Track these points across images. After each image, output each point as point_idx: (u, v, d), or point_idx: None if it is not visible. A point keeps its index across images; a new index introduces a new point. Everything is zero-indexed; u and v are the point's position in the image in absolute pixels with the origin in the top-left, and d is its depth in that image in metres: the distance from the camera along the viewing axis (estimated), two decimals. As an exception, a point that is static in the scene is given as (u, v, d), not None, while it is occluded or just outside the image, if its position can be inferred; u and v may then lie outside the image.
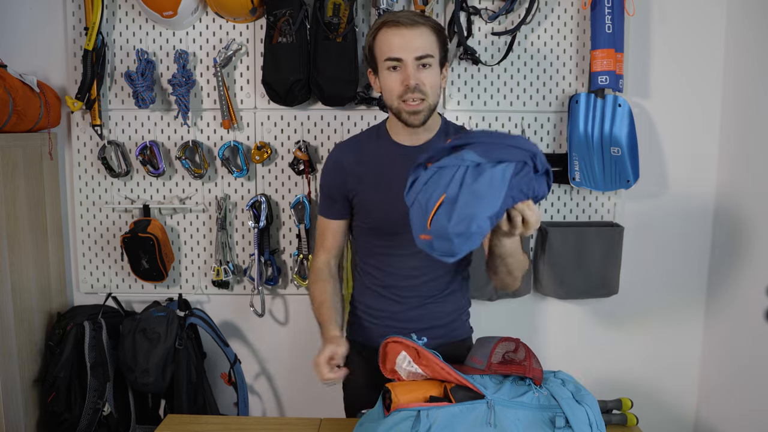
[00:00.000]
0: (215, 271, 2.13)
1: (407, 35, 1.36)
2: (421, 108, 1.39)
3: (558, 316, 2.24)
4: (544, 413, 1.20)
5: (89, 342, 1.99)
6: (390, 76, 1.39)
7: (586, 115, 1.99)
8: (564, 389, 1.25)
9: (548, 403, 1.21)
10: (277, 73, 1.94)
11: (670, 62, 2.11)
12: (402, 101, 1.38)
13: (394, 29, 1.37)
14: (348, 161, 1.51)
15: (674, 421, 2.28)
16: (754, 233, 1.97)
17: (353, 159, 1.51)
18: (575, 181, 2.05)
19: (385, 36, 1.38)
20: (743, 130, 2.04)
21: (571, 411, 1.19)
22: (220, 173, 2.15)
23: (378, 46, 1.40)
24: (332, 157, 1.56)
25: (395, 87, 1.39)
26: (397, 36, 1.36)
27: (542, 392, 1.23)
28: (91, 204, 2.18)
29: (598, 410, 1.23)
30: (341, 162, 1.52)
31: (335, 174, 1.53)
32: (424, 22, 1.38)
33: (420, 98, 1.37)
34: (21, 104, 1.86)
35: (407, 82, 1.36)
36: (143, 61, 2.03)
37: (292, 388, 2.31)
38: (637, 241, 2.19)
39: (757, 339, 1.92)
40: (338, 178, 1.52)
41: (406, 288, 1.51)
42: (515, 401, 1.20)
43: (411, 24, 1.36)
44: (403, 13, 1.39)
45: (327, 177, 1.55)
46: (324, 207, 1.57)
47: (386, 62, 1.38)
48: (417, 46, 1.36)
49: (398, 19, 1.37)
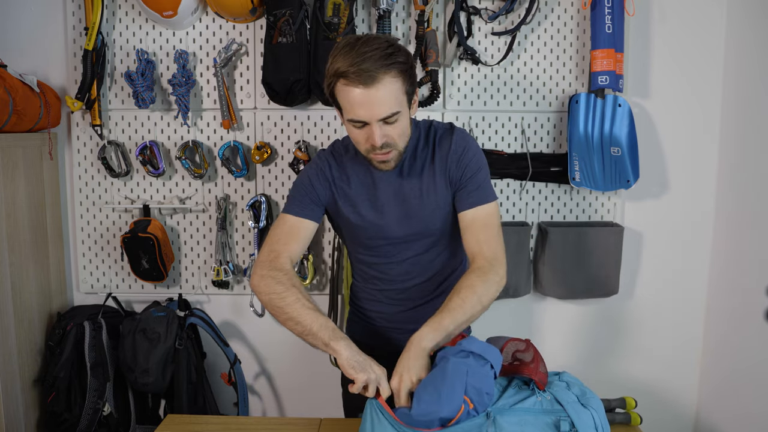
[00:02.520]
0: (215, 271, 2.13)
1: (369, 96, 1.23)
2: (390, 157, 1.34)
3: (558, 316, 2.24)
4: (548, 418, 1.17)
5: (89, 342, 1.99)
6: (355, 132, 1.31)
7: (586, 115, 1.99)
8: (569, 393, 1.22)
9: (552, 408, 1.19)
10: (277, 73, 1.94)
11: (670, 62, 2.11)
12: (371, 153, 1.33)
13: (353, 88, 1.24)
14: (335, 176, 1.46)
15: (674, 421, 2.28)
16: (754, 233, 1.97)
17: (338, 175, 1.46)
18: (575, 181, 2.05)
19: (345, 93, 1.26)
20: (743, 130, 2.04)
21: (577, 415, 1.16)
22: (220, 173, 2.15)
23: (338, 97, 1.29)
24: (319, 166, 1.47)
25: (362, 143, 1.33)
26: (357, 96, 1.24)
27: (545, 396, 1.21)
28: (91, 204, 2.18)
29: (603, 413, 1.21)
30: (328, 175, 1.46)
31: (323, 184, 1.45)
32: (387, 70, 1.23)
33: (388, 150, 1.32)
34: (21, 104, 1.86)
35: (373, 142, 1.29)
36: (143, 61, 2.03)
37: (292, 388, 2.31)
38: (636, 241, 2.19)
39: (757, 339, 1.92)
40: (327, 188, 1.45)
41: (399, 291, 1.51)
42: (516, 408, 1.18)
43: (371, 82, 1.22)
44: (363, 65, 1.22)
45: (311, 181, 1.45)
46: (297, 206, 1.44)
47: (348, 121, 1.30)
48: (381, 106, 1.25)
49: (357, 77, 1.22)
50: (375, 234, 1.46)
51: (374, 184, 1.44)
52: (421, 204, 1.42)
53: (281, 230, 1.42)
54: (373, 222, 1.45)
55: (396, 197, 1.43)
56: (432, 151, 1.43)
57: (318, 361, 2.18)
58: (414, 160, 1.44)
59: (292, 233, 1.42)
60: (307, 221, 1.43)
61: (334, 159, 1.48)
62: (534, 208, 2.16)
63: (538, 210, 2.17)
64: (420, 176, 1.43)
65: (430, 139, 1.45)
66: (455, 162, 1.41)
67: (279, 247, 1.39)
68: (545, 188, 2.16)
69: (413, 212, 1.43)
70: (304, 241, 1.43)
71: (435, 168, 1.42)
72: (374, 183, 1.44)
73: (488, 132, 2.12)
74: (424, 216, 1.43)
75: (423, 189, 1.42)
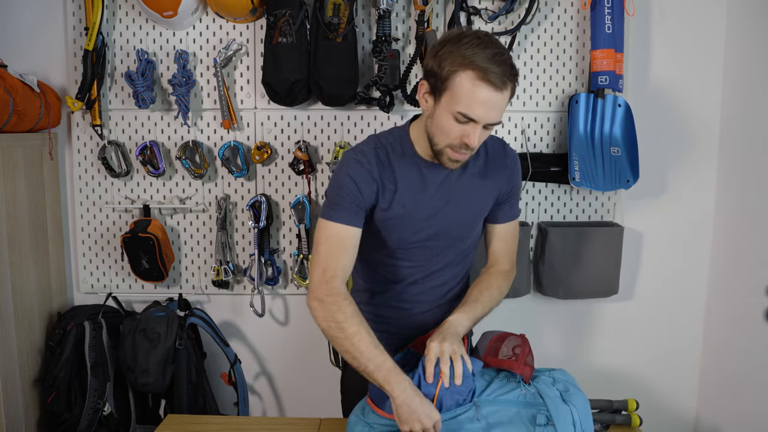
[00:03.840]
0: (215, 271, 2.13)
1: (495, 99, 1.21)
2: (466, 158, 1.32)
3: (558, 315, 2.24)
4: (528, 410, 1.22)
5: (89, 342, 2.00)
6: (451, 125, 1.26)
7: (586, 115, 1.99)
8: (552, 388, 1.26)
9: (534, 401, 1.23)
10: (277, 73, 1.94)
11: (670, 62, 2.11)
12: (451, 149, 1.29)
13: (484, 88, 1.20)
14: (380, 174, 1.36)
15: (674, 421, 2.28)
16: (754, 233, 1.97)
17: (383, 173, 1.37)
18: (575, 181, 2.05)
19: (472, 86, 1.20)
20: (743, 130, 2.04)
21: (556, 410, 1.21)
22: (220, 173, 2.15)
23: (456, 85, 1.22)
24: (364, 167, 1.36)
25: (453, 136, 1.27)
26: (485, 95, 1.20)
27: (530, 390, 1.25)
28: (91, 204, 2.18)
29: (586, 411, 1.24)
30: (373, 172, 1.36)
31: (370, 186, 1.35)
32: (513, 81, 1.23)
33: (469, 152, 1.30)
34: (21, 104, 1.87)
35: (469, 142, 1.25)
36: (143, 61, 2.03)
37: (292, 388, 2.31)
38: (636, 241, 2.19)
39: (757, 339, 1.92)
40: (371, 187, 1.35)
41: (410, 294, 1.49)
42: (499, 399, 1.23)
43: (503, 87, 1.21)
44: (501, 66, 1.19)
45: (359, 185, 1.34)
46: (347, 213, 1.34)
47: (457, 113, 1.24)
48: (498, 112, 1.24)
49: (495, 77, 1.19)
50: (412, 235, 1.41)
51: (424, 186, 1.39)
52: (467, 209, 1.43)
53: (331, 243, 1.34)
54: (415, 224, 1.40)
55: (444, 200, 1.41)
56: (484, 161, 1.44)
57: (318, 361, 2.19)
58: (465, 166, 1.40)
59: (342, 245, 1.34)
60: (355, 229, 1.35)
61: (378, 158, 1.38)
62: (534, 208, 2.16)
63: (538, 210, 2.17)
64: (470, 182, 1.42)
65: (481, 147, 1.42)
66: (508, 177, 1.46)
67: (332, 264, 1.32)
68: (545, 188, 2.16)
69: (458, 217, 1.43)
70: (353, 251, 1.36)
71: (486, 177, 1.43)
72: (425, 185, 1.39)
73: (488, 132, 2.12)
74: (466, 221, 1.44)
75: (470, 194, 1.43)
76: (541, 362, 1.41)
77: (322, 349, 2.14)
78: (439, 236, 1.43)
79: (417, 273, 1.47)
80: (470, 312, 1.35)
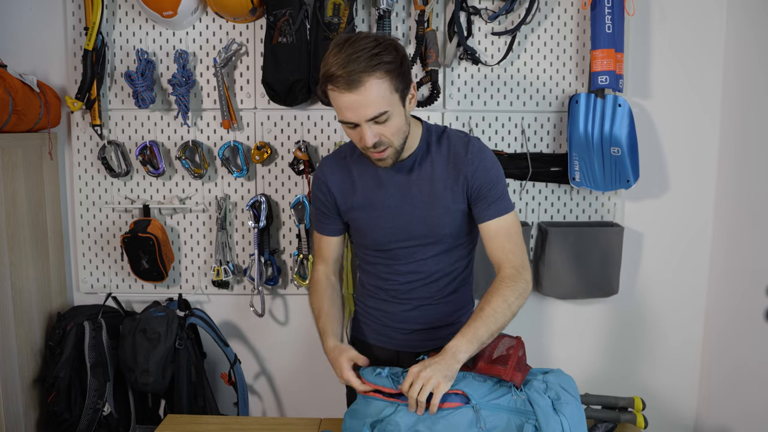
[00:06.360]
0: (215, 271, 2.13)
1: (354, 99, 1.24)
2: (386, 155, 1.34)
3: (558, 316, 2.24)
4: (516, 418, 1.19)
5: (89, 342, 1.99)
6: (349, 132, 1.34)
7: (586, 115, 1.99)
8: (543, 397, 1.21)
9: (524, 408, 1.20)
10: (277, 73, 1.94)
11: (670, 62, 2.11)
12: (368, 151, 1.34)
13: (338, 93, 1.25)
14: (335, 182, 1.49)
15: (674, 421, 2.28)
16: (754, 233, 1.97)
17: (340, 179, 1.49)
18: (575, 181, 2.05)
19: (333, 96, 1.28)
20: (743, 130, 2.04)
21: (546, 421, 1.17)
22: (220, 173, 2.15)
23: (330, 99, 1.30)
24: (318, 176, 1.52)
25: (357, 142, 1.35)
26: (344, 100, 1.25)
27: (520, 396, 1.21)
28: (91, 204, 2.18)
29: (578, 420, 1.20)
30: (328, 182, 1.50)
31: (324, 193, 1.51)
32: (372, 71, 1.23)
33: (383, 148, 1.33)
34: (21, 104, 1.86)
35: (365, 143, 1.31)
36: (143, 61, 2.03)
37: (292, 388, 2.31)
38: (636, 241, 2.19)
39: (757, 339, 1.92)
40: (328, 197, 1.50)
41: (405, 291, 1.51)
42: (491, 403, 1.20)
43: (356, 86, 1.22)
44: (348, 66, 1.22)
45: (316, 194, 1.53)
46: (317, 222, 1.57)
47: (341, 122, 1.32)
48: (367, 108, 1.26)
49: (342, 82, 1.23)
50: (381, 236, 1.46)
51: (381, 186, 1.44)
52: (430, 207, 1.42)
53: (314, 242, 1.62)
54: (378, 224, 1.45)
55: (404, 199, 1.43)
56: (446, 157, 1.43)
57: (318, 361, 2.18)
58: (423, 163, 1.43)
59: (320, 247, 1.58)
60: (329, 237, 1.56)
61: (336, 163, 1.51)
62: (534, 208, 2.16)
63: (538, 210, 2.17)
64: (430, 180, 1.42)
65: (443, 143, 1.44)
66: (472, 172, 1.40)
67: (315, 260, 1.60)
68: (545, 188, 2.16)
69: (420, 215, 1.43)
70: (332, 247, 1.57)
71: (448, 174, 1.42)
72: (382, 184, 1.44)
73: (488, 132, 2.12)
74: (430, 220, 1.43)
75: (432, 193, 1.42)
76: (540, 362, 1.41)
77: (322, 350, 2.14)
78: (410, 234, 1.44)
79: (404, 270, 1.49)
80: (471, 334, 1.25)
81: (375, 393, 1.26)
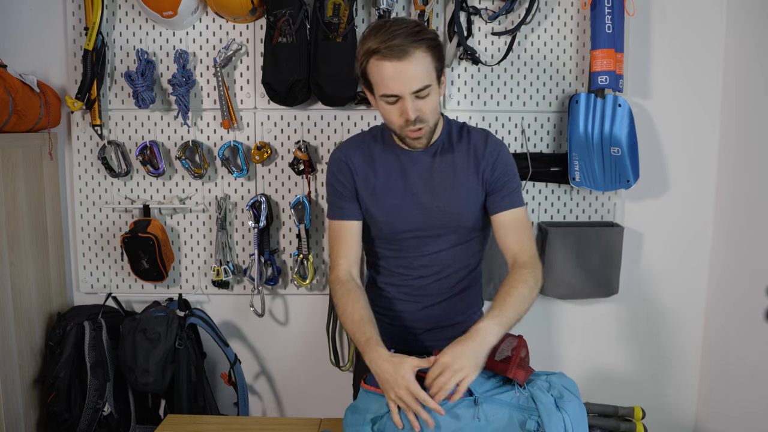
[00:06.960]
0: (215, 271, 2.13)
1: (401, 69, 1.27)
2: (423, 134, 1.37)
3: (558, 316, 2.24)
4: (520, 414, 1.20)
5: (89, 342, 1.99)
6: (388, 109, 1.34)
7: (586, 115, 1.99)
8: (547, 394, 1.23)
9: (527, 405, 1.21)
10: (277, 73, 1.94)
11: (670, 62, 2.11)
12: (404, 129, 1.35)
13: (386, 62, 1.27)
14: (357, 162, 1.48)
15: (674, 421, 2.28)
16: (754, 233, 1.97)
17: (361, 161, 1.48)
18: (575, 181, 2.05)
19: (377, 68, 1.29)
20: (743, 130, 2.04)
21: (548, 417, 1.18)
22: (220, 173, 2.15)
23: (371, 75, 1.32)
24: (339, 157, 1.50)
25: (395, 119, 1.34)
26: (389, 70, 1.27)
27: (524, 393, 1.23)
28: (91, 204, 2.18)
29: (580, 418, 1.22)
30: (349, 162, 1.48)
31: (345, 173, 1.48)
32: (418, 45, 1.27)
33: (421, 126, 1.34)
34: (21, 104, 1.86)
35: (407, 117, 1.31)
36: (143, 61, 2.03)
37: (292, 388, 2.31)
38: (636, 241, 2.19)
39: (757, 339, 1.92)
40: (348, 177, 1.48)
41: (417, 287, 1.51)
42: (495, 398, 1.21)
43: (403, 55, 1.26)
44: (393, 41, 1.25)
45: (336, 177, 1.49)
46: (336, 209, 1.49)
47: (382, 96, 1.32)
48: (413, 79, 1.28)
49: (389, 52, 1.26)
50: (400, 223, 1.46)
51: (403, 173, 1.45)
52: (451, 196, 1.44)
53: (331, 238, 1.51)
54: (397, 210, 1.45)
55: (425, 187, 1.44)
56: (466, 149, 1.45)
57: (318, 361, 2.19)
58: (445, 153, 1.46)
59: (341, 238, 1.48)
60: (348, 222, 1.48)
61: (358, 145, 1.51)
62: (534, 208, 2.16)
63: (538, 210, 2.17)
64: (453, 169, 1.44)
65: (463, 135, 1.48)
66: (491, 164, 1.44)
67: (334, 256, 1.49)
68: (545, 188, 2.16)
69: (441, 204, 1.44)
70: (352, 240, 1.48)
71: (469, 164, 1.44)
72: (403, 171, 1.45)
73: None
74: (450, 208, 1.44)
75: (454, 181, 1.44)
76: (540, 362, 1.41)
77: (322, 349, 2.15)
78: (428, 223, 1.45)
79: (417, 264, 1.49)
80: (500, 317, 1.26)
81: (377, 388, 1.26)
